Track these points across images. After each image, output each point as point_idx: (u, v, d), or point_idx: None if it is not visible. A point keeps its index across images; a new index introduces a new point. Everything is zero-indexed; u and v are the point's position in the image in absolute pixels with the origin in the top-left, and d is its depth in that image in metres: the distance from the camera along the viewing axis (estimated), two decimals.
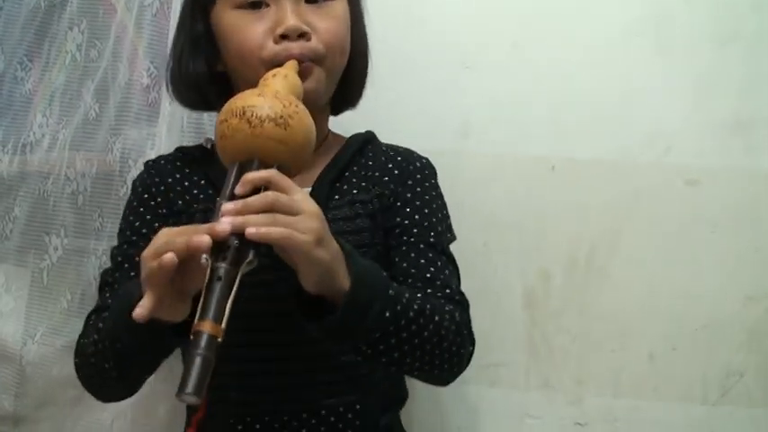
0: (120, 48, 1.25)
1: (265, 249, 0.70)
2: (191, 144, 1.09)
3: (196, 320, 0.65)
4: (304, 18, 0.88)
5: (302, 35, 0.87)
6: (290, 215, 0.69)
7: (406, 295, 0.80)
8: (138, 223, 0.95)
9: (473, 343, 0.89)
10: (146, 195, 0.96)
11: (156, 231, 0.84)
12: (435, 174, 1.00)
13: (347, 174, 0.95)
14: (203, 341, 0.63)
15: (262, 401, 0.90)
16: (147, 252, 0.69)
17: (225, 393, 0.89)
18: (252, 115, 0.73)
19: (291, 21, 0.86)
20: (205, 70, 0.93)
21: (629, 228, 1.20)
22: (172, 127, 1.19)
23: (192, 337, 0.64)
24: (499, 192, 1.18)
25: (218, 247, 0.67)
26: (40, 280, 1.28)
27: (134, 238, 0.94)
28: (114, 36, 1.25)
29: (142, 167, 1.03)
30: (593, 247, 1.20)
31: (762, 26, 1.20)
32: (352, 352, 0.79)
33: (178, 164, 0.98)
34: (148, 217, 0.95)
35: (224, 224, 0.67)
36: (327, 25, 0.89)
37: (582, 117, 1.20)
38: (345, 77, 0.95)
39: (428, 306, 0.81)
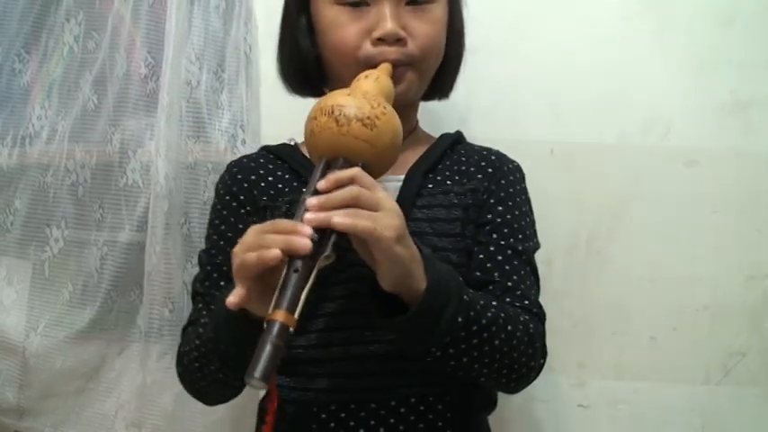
0: (117, 38, 1.24)
1: (346, 244, 0.71)
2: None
3: (270, 310, 0.66)
4: (402, 21, 0.88)
5: (398, 40, 0.87)
6: (372, 211, 0.70)
7: (481, 302, 0.79)
8: (223, 227, 0.95)
9: (545, 355, 0.88)
10: (227, 197, 0.96)
11: (242, 233, 0.86)
12: (524, 179, 1.00)
13: (440, 166, 0.95)
14: (275, 329, 0.64)
15: (347, 388, 0.87)
16: (238, 248, 0.71)
17: (310, 380, 0.88)
18: (340, 114, 0.74)
19: (389, 26, 0.86)
20: (308, 56, 0.94)
21: (630, 210, 1.20)
22: (170, 117, 1.19)
23: (265, 325, 0.65)
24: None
25: None
26: (41, 272, 1.28)
27: (221, 243, 0.93)
28: (111, 27, 1.25)
29: (138, 157, 1.03)
30: (593, 230, 1.20)
31: (760, 8, 1.20)
32: (422, 354, 0.78)
33: (261, 161, 0.98)
34: (232, 219, 0.94)
35: (307, 220, 0.68)
36: (425, 30, 0.89)
37: (581, 100, 1.21)
38: (438, 71, 0.95)
39: (502, 315, 0.80)
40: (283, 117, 1.25)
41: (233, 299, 0.69)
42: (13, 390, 1.28)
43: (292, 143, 1.00)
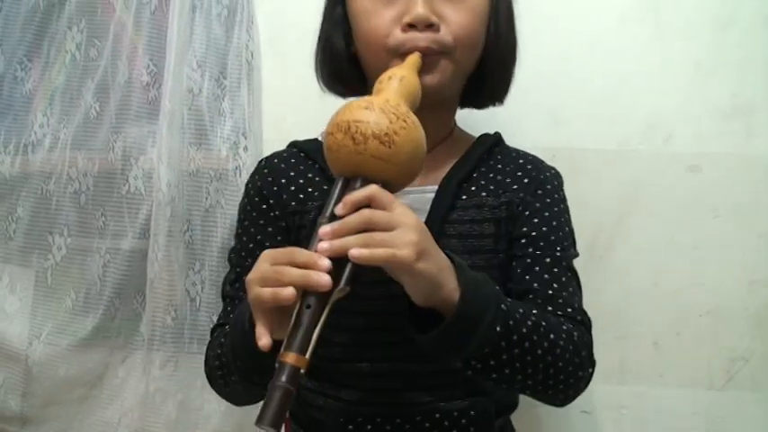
0: (119, 46, 1.25)
1: (365, 271, 0.69)
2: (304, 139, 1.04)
3: (282, 350, 0.66)
4: (435, 8, 0.84)
5: (430, 26, 0.83)
6: (388, 231, 0.68)
7: (520, 310, 0.76)
8: (252, 229, 0.94)
9: (593, 365, 0.85)
10: (257, 199, 0.95)
11: (271, 236, 0.84)
12: (563, 185, 0.97)
13: (475, 175, 0.92)
14: (285, 373, 0.64)
15: (375, 402, 0.87)
16: (252, 276, 0.70)
17: (337, 392, 0.88)
18: (356, 132, 0.71)
19: (420, 10, 0.83)
20: (343, 52, 0.91)
21: (632, 216, 1.20)
22: (172, 124, 1.19)
23: (276, 366, 0.65)
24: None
25: None
26: (44, 280, 1.28)
27: (251, 245, 0.93)
28: (113, 34, 1.25)
29: (140, 165, 1.02)
30: (595, 235, 1.20)
31: (759, 11, 1.20)
32: (462, 367, 0.76)
33: (292, 161, 0.96)
34: (262, 222, 0.93)
35: (322, 250, 0.67)
36: (460, 18, 0.85)
37: (582, 106, 1.21)
38: (485, 72, 0.92)
39: (543, 323, 0.78)
40: (285, 124, 1.26)
41: (264, 342, 0.68)
42: (16, 398, 1.28)
43: (322, 139, 0.99)
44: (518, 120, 1.21)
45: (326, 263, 0.67)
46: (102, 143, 1.25)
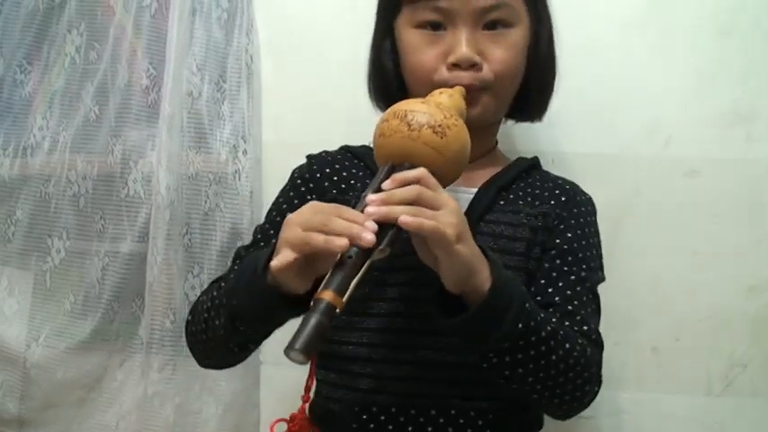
0: (118, 49, 1.25)
1: (403, 242, 0.71)
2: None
3: (319, 290, 0.67)
4: (477, 46, 0.88)
5: (473, 65, 0.88)
6: (433, 209, 0.70)
7: (542, 315, 0.79)
8: (285, 206, 0.96)
9: (600, 384, 0.87)
10: (299, 181, 0.97)
11: None
12: (596, 213, 1.00)
13: (514, 186, 0.96)
14: (322, 306, 0.65)
15: (390, 391, 0.87)
16: (295, 218, 0.72)
17: (354, 379, 0.88)
18: (412, 119, 0.76)
19: (464, 51, 0.87)
20: (390, 75, 0.96)
21: (631, 220, 1.20)
22: (172, 127, 1.19)
23: (311, 303, 0.65)
24: None
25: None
26: (42, 282, 1.29)
27: (278, 218, 0.93)
28: (113, 38, 1.26)
29: (139, 168, 1.02)
30: None
31: (760, 17, 1.20)
32: (478, 357, 0.78)
33: (339, 157, 0.99)
34: (297, 202, 0.94)
35: (368, 213, 0.69)
36: (501, 55, 0.89)
37: (582, 110, 1.21)
38: (525, 93, 0.96)
39: (561, 332, 0.80)
40: (285, 127, 1.27)
41: (277, 263, 0.69)
42: (14, 400, 1.28)
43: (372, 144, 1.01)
44: (519, 124, 1.21)
45: (373, 224, 0.68)
46: (101, 146, 1.26)
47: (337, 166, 0.97)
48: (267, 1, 1.27)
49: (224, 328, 0.81)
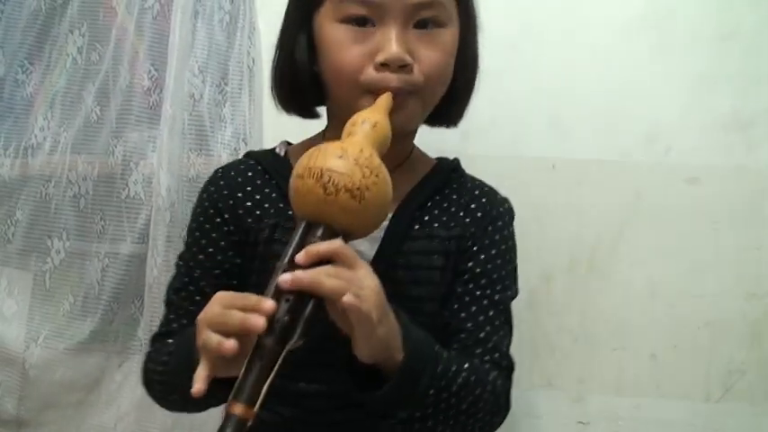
0: (120, 50, 1.25)
1: (320, 322, 0.68)
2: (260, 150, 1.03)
3: (231, 397, 0.64)
4: (408, 46, 0.82)
5: (403, 66, 0.81)
6: (351, 287, 0.68)
7: (453, 368, 0.79)
8: (204, 241, 0.91)
9: (508, 409, 0.87)
10: (211, 211, 0.91)
11: (223, 250, 0.85)
12: (513, 218, 0.96)
13: (429, 204, 0.91)
14: (231, 425, 0.63)
15: (313, 421, 0.87)
16: (202, 317, 0.69)
17: (278, 408, 0.87)
18: (329, 181, 0.69)
19: (394, 50, 0.80)
20: (305, 73, 0.88)
21: (630, 227, 1.20)
22: (173, 129, 1.19)
23: (223, 415, 0.64)
24: (500, 192, 1.18)
25: (268, 321, 0.65)
26: (42, 283, 1.29)
27: (200, 257, 0.90)
28: (115, 39, 1.26)
29: (140, 169, 1.01)
30: (594, 246, 1.20)
31: (760, 23, 1.20)
32: (387, 417, 0.77)
33: (249, 174, 0.93)
34: (214, 235, 0.90)
35: (284, 283, 0.66)
36: (432, 56, 0.83)
37: (582, 117, 1.21)
38: (446, 98, 0.90)
39: (472, 378, 0.80)
40: (285, 130, 1.26)
41: (198, 386, 0.66)
42: (12, 401, 1.28)
43: (282, 152, 0.96)
44: (519, 130, 1.21)
45: (269, 305, 0.65)
46: (102, 147, 1.26)
47: (249, 188, 0.91)
48: (269, 3, 1.27)
49: (180, 403, 0.83)
